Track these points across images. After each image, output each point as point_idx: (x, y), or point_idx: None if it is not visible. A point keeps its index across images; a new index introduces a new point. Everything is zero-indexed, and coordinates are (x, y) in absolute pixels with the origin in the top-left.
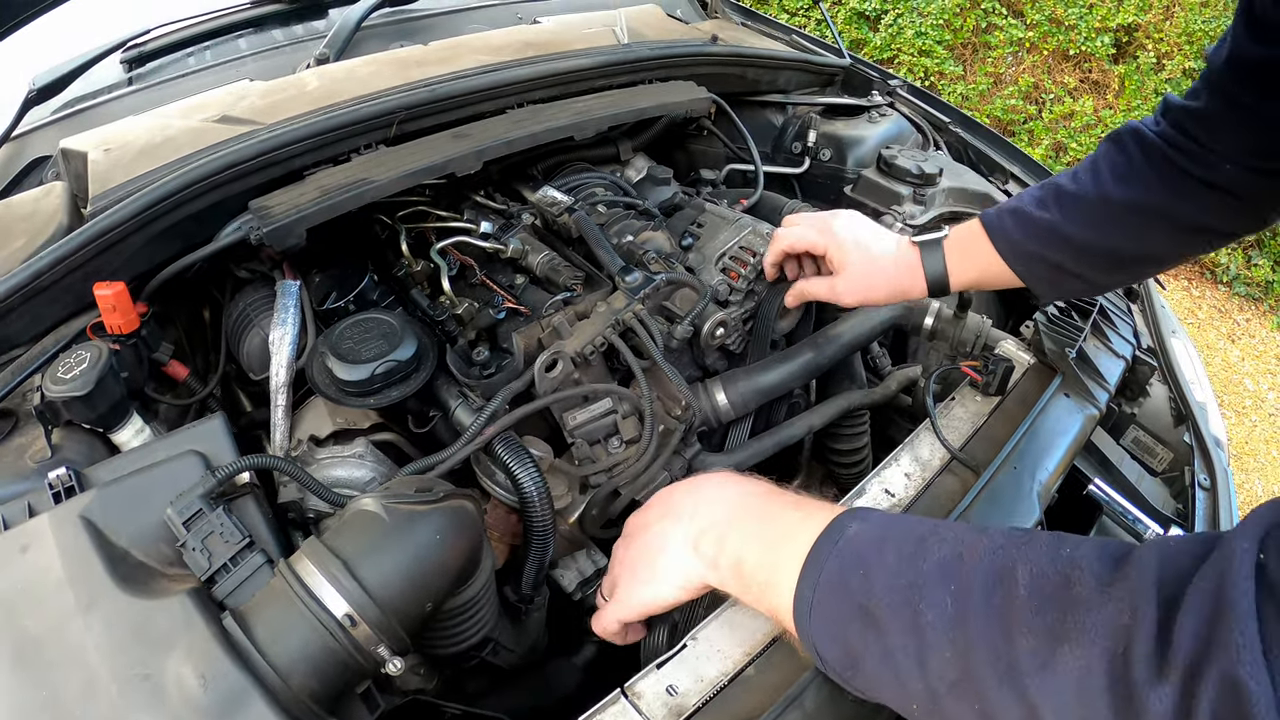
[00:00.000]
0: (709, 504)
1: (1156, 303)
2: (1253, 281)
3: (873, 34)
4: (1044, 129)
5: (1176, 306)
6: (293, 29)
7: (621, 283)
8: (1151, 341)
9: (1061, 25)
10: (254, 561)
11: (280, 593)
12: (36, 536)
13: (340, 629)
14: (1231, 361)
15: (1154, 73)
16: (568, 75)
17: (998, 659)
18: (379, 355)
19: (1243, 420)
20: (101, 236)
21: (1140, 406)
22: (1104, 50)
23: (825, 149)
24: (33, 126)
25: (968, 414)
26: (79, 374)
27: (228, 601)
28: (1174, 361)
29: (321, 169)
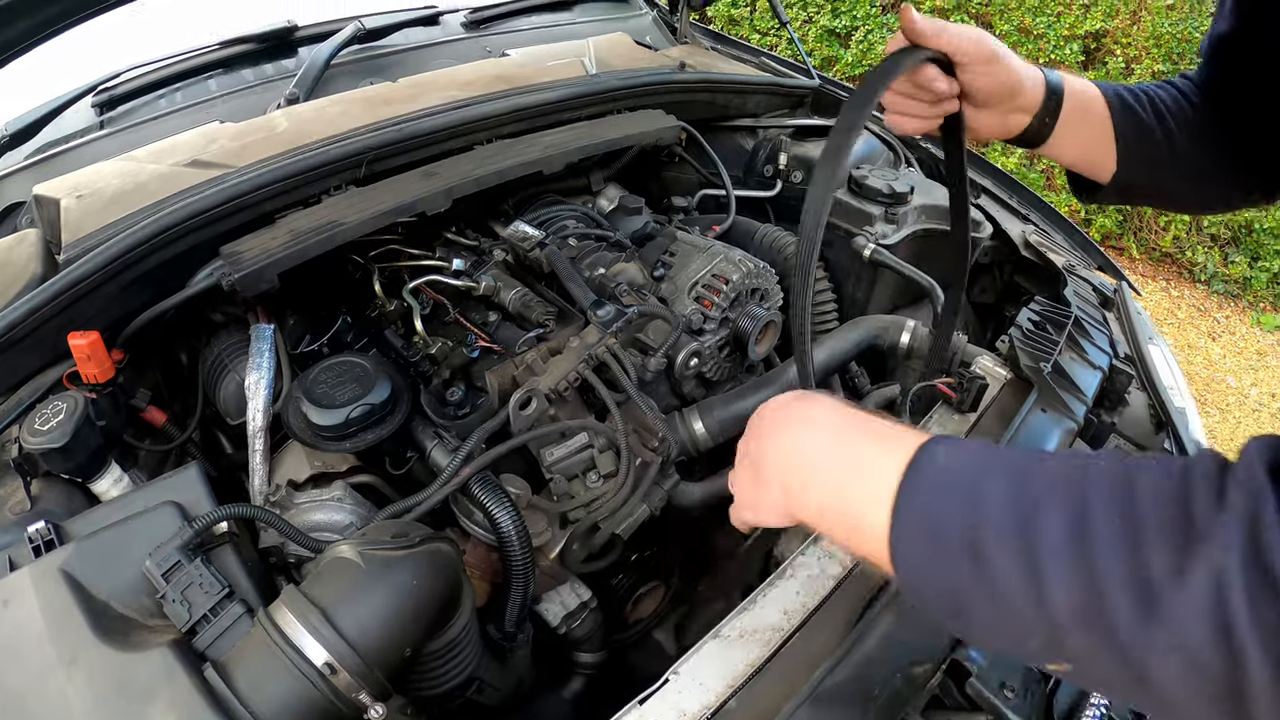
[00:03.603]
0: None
1: (1133, 309)
2: (1230, 279)
3: (844, 50)
4: None
5: (1156, 307)
6: (263, 68)
7: (594, 317)
8: (1129, 349)
9: (1030, 34)
10: (234, 612)
11: (260, 643)
12: (17, 591)
13: (320, 678)
14: (1213, 359)
15: (1123, 77)
16: (535, 109)
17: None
18: (354, 399)
19: (1226, 417)
20: (74, 286)
21: (1120, 415)
22: (1073, 57)
23: (797, 171)
24: (6, 172)
25: (945, 432)
26: (56, 425)
27: (209, 652)
28: (1152, 369)
29: (292, 212)
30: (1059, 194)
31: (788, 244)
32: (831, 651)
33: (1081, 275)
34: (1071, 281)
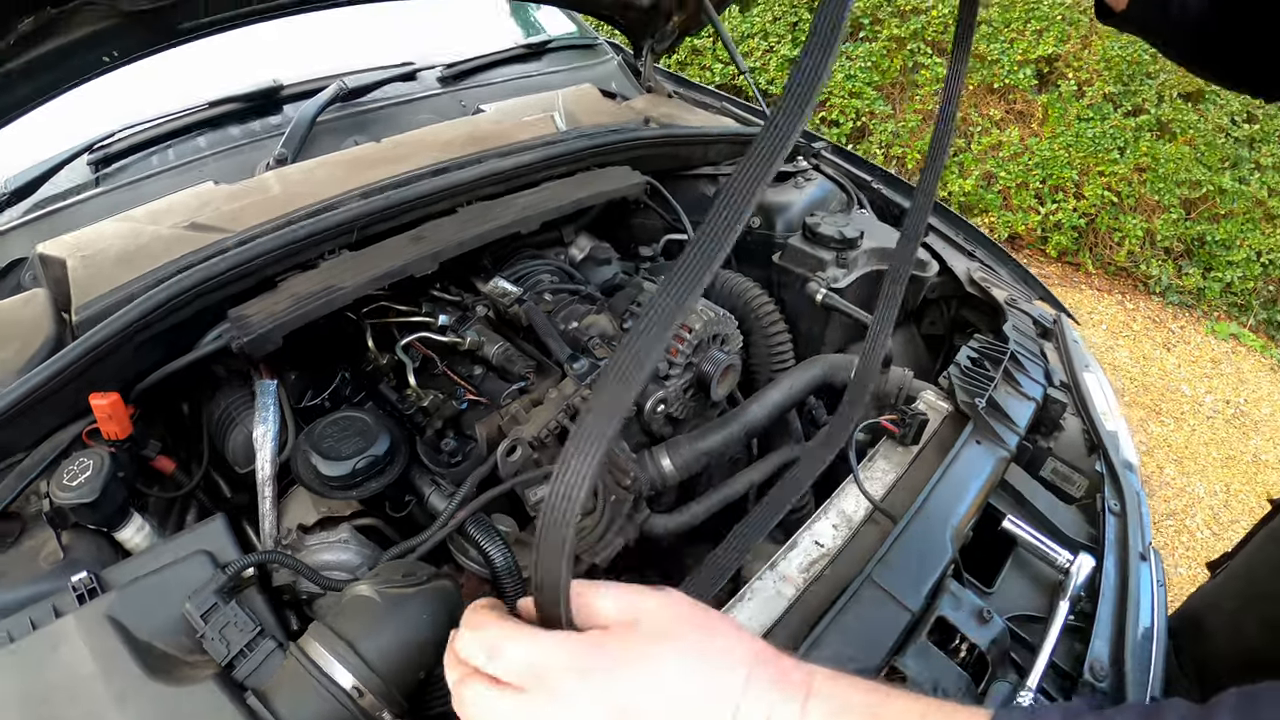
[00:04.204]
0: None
1: (1070, 339)
2: (1185, 290)
3: None
4: (973, 160)
5: (1112, 320)
6: (250, 126)
7: (570, 370)
8: (1066, 377)
9: (985, 60)
10: (267, 646)
11: (295, 672)
12: (66, 636)
13: (350, 700)
14: (1168, 369)
15: (1076, 99)
16: (511, 172)
17: None
18: (358, 452)
19: (1181, 425)
20: (94, 350)
21: (1056, 440)
22: (1027, 82)
23: (755, 217)
24: (5, 228)
25: (890, 465)
26: (84, 481)
27: (248, 682)
28: (1086, 395)
29: (291, 275)
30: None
31: (746, 289)
32: None
33: (1022, 309)
34: (1012, 316)
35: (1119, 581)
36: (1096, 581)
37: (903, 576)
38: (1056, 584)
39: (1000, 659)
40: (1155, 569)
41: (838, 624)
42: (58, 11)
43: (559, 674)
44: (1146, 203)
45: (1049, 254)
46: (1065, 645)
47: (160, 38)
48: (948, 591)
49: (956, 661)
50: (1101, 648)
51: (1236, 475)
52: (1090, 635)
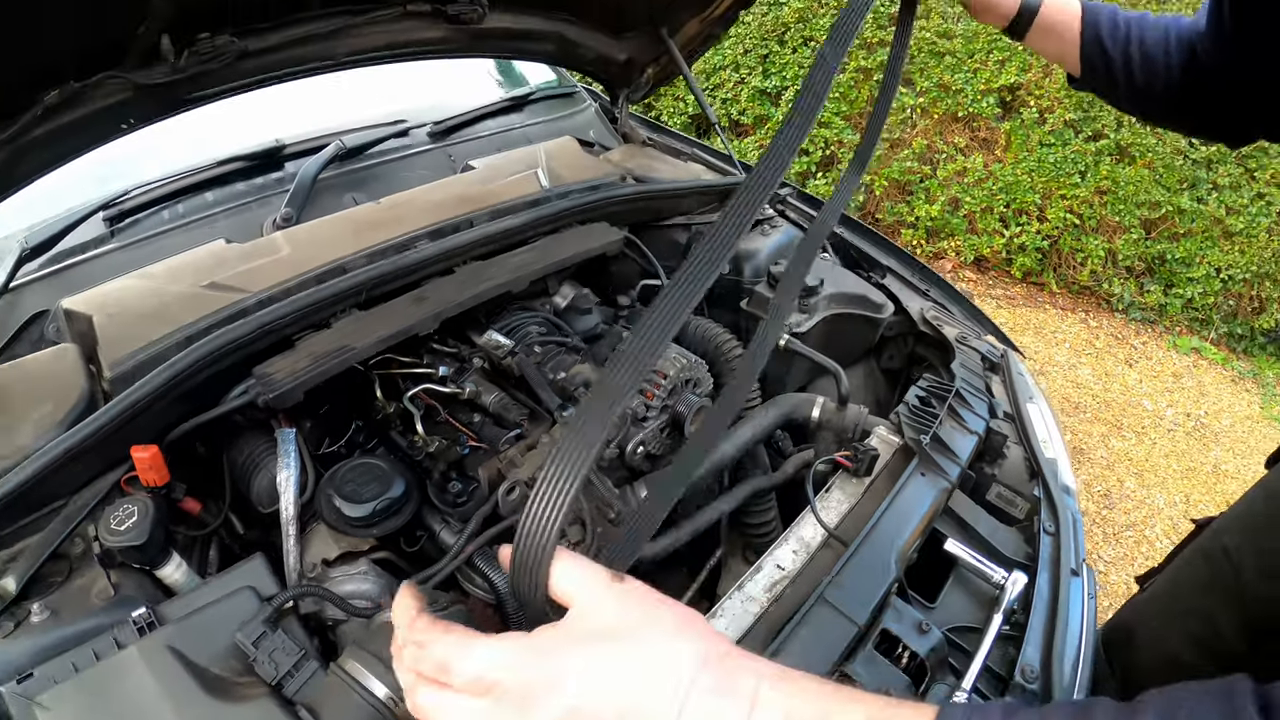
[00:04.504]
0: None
1: (1015, 372)
2: (1147, 306)
3: (774, 109)
4: (939, 186)
5: (1075, 339)
6: (255, 182)
7: (560, 418)
8: (1010, 409)
9: (949, 90)
10: (311, 666)
11: (337, 687)
12: (131, 664)
13: (386, 709)
14: (1130, 385)
15: (1038, 126)
16: (502, 234)
17: None
18: (377, 495)
19: (1142, 439)
20: (133, 407)
21: (1000, 467)
22: (990, 110)
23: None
24: (24, 281)
25: (844, 495)
26: (132, 526)
27: (296, 698)
28: (1029, 425)
29: (307, 335)
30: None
31: (716, 334)
32: None
33: (971, 345)
34: (960, 353)
35: (1051, 595)
36: (1030, 595)
37: (851, 595)
38: (993, 598)
39: (939, 665)
40: (1087, 583)
41: (795, 636)
42: (81, 85)
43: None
44: (1108, 224)
45: (1014, 275)
46: (1000, 652)
47: (172, 107)
48: (891, 607)
49: (900, 668)
50: (1033, 654)
51: (1196, 486)
52: (1023, 643)
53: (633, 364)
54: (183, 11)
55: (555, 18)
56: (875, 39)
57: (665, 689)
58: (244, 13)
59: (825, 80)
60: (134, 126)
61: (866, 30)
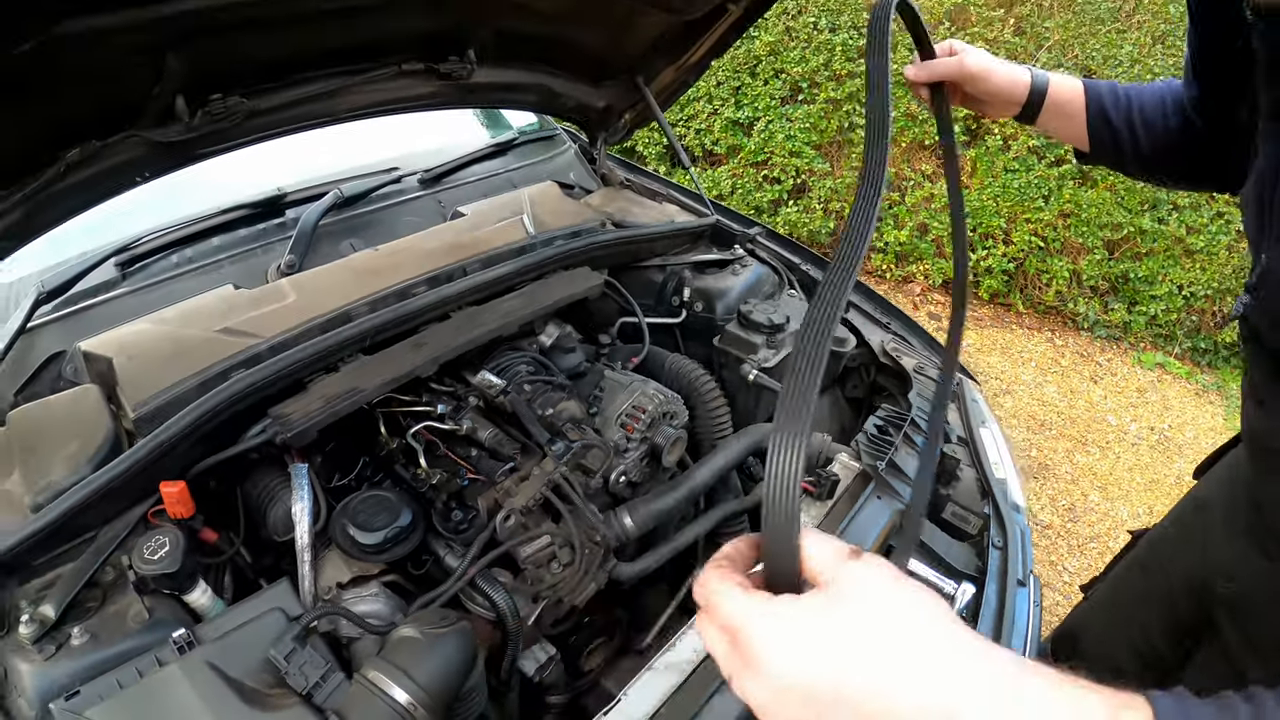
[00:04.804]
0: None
1: (969, 399)
2: (1111, 324)
3: (747, 139)
4: (907, 212)
5: (1041, 357)
6: (258, 228)
7: (549, 451)
8: (964, 433)
9: (916, 119)
10: (337, 678)
11: (363, 695)
12: (173, 680)
13: (407, 713)
14: (1095, 401)
15: (1002, 153)
16: (493, 282)
17: None
18: (387, 524)
19: (1107, 453)
20: (160, 447)
21: (955, 488)
22: (956, 138)
23: (698, 301)
24: (40, 322)
25: (809, 517)
26: (165, 555)
27: (325, 705)
28: (981, 448)
29: (318, 378)
30: (948, 260)
31: (691, 370)
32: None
33: (928, 375)
34: (917, 383)
35: (998, 603)
36: (978, 604)
37: None
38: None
39: None
40: (1033, 592)
41: None
42: (101, 144)
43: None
44: (1072, 245)
45: (982, 297)
46: None
47: (184, 161)
48: None
49: None
50: None
51: (1160, 497)
52: None
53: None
54: (196, 74)
55: (538, 71)
56: (844, 71)
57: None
58: (253, 75)
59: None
60: (148, 179)
61: (835, 62)
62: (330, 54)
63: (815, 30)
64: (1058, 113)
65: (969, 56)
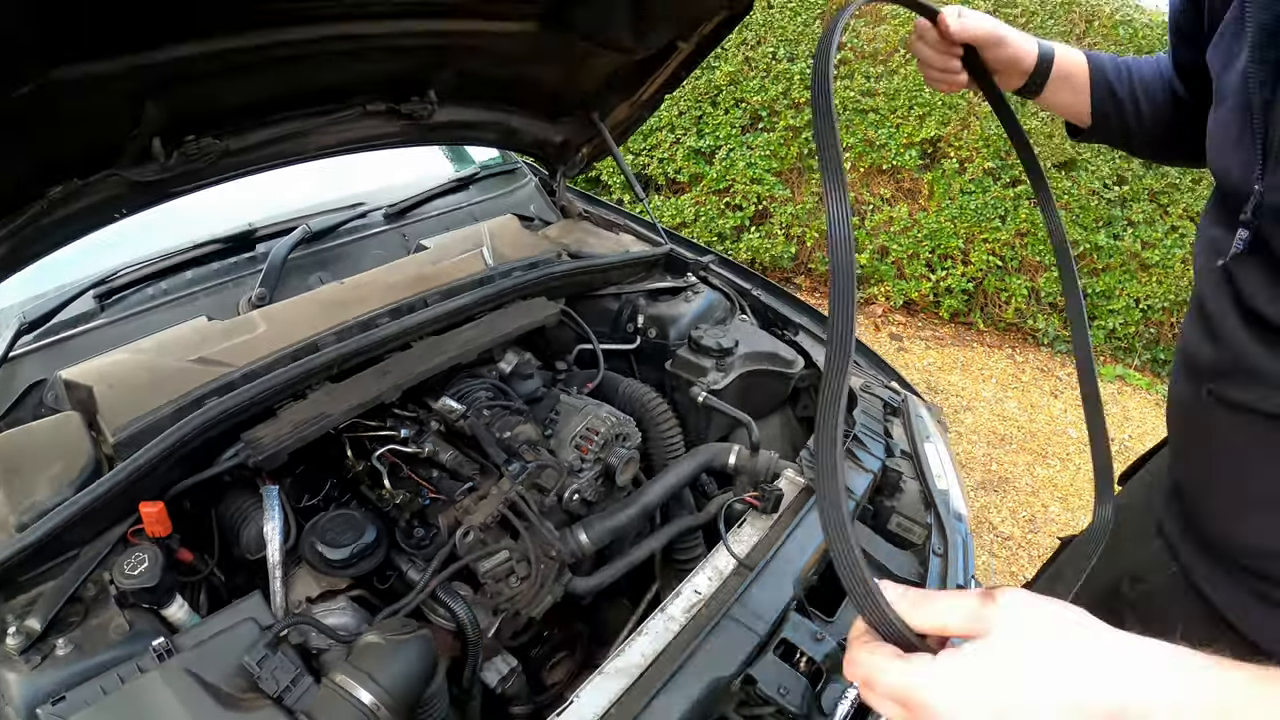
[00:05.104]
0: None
1: (914, 415)
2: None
3: (709, 167)
4: (867, 236)
5: (1001, 374)
6: (230, 261)
7: (506, 472)
8: (908, 447)
9: (874, 145)
10: (306, 682)
11: (330, 696)
12: (155, 686)
13: (371, 713)
14: (1055, 415)
15: (958, 175)
16: (453, 313)
17: None
18: (353, 541)
19: (1067, 465)
20: (140, 470)
21: (899, 499)
22: (913, 162)
23: (651, 328)
24: (21, 352)
25: (755, 530)
26: (145, 570)
27: (296, 707)
28: (924, 462)
29: (287, 404)
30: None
31: (644, 394)
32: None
33: (874, 393)
34: (862, 401)
35: None
36: None
37: (754, 611)
38: None
39: (834, 666)
40: None
41: (704, 647)
42: (83, 183)
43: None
44: (1029, 263)
45: (942, 316)
46: None
47: (160, 198)
48: (790, 620)
49: (798, 670)
50: None
51: None
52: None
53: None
54: (172, 117)
55: (497, 109)
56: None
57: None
58: (225, 117)
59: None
60: (125, 215)
61: (793, 91)
62: (298, 97)
63: (774, 60)
64: (1063, 84)
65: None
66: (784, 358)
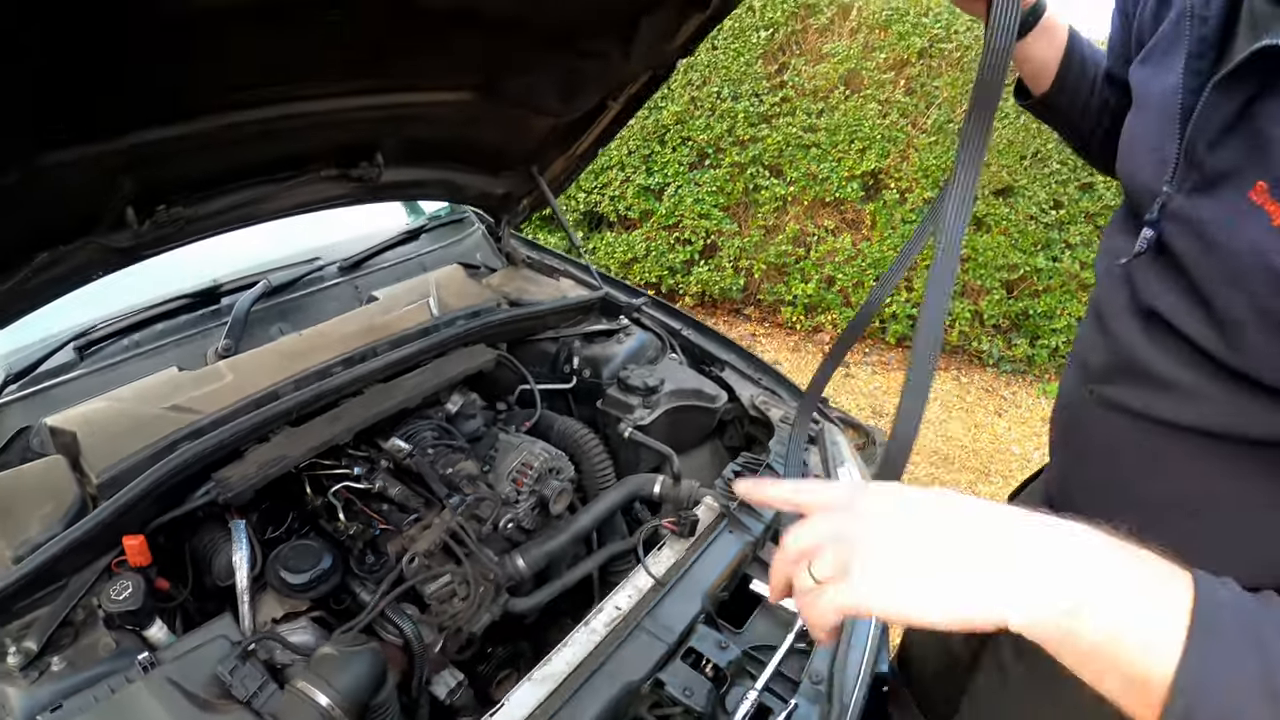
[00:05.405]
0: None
1: (829, 442)
2: (1015, 359)
3: (658, 204)
4: (813, 266)
5: (946, 395)
6: (197, 314)
7: (448, 504)
8: (823, 473)
9: (816, 179)
10: (272, 688)
11: (293, 700)
12: (141, 695)
13: (328, 713)
14: (999, 433)
15: (899, 205)
16: (400, 361)
17: None
18: (312, 567)
19: (1010, 482)
20: (122, 508)
21: None
22: (855, 194)
23: (586, 369)
24: (7, 401)
25: (672, 552)
26: (128, 595)
27: (263, 709)
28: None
29: (253, 447)
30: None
31: (577, 430)
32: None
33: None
34: (780, 431)
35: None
36: None
37: (664, 623)
38: (788, 623)
39: (738, 672)
40: None
41: (618, 654)
42: (65, 249)
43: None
44: (972, 288)
45: (889, 342)
46: (797, 663)
47: (133, 260)
48: (697, 631)
49: (703, 675)
50: (820, 663)
51: None
52: (812, 655)
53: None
54: (144, 189)
55: (441, 167)
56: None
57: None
58: (192, 187)
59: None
60: (101, 275)
61: (738, 128)
62: (258, 167)
63: (719, 99)
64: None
65: None
66: (708, 393)
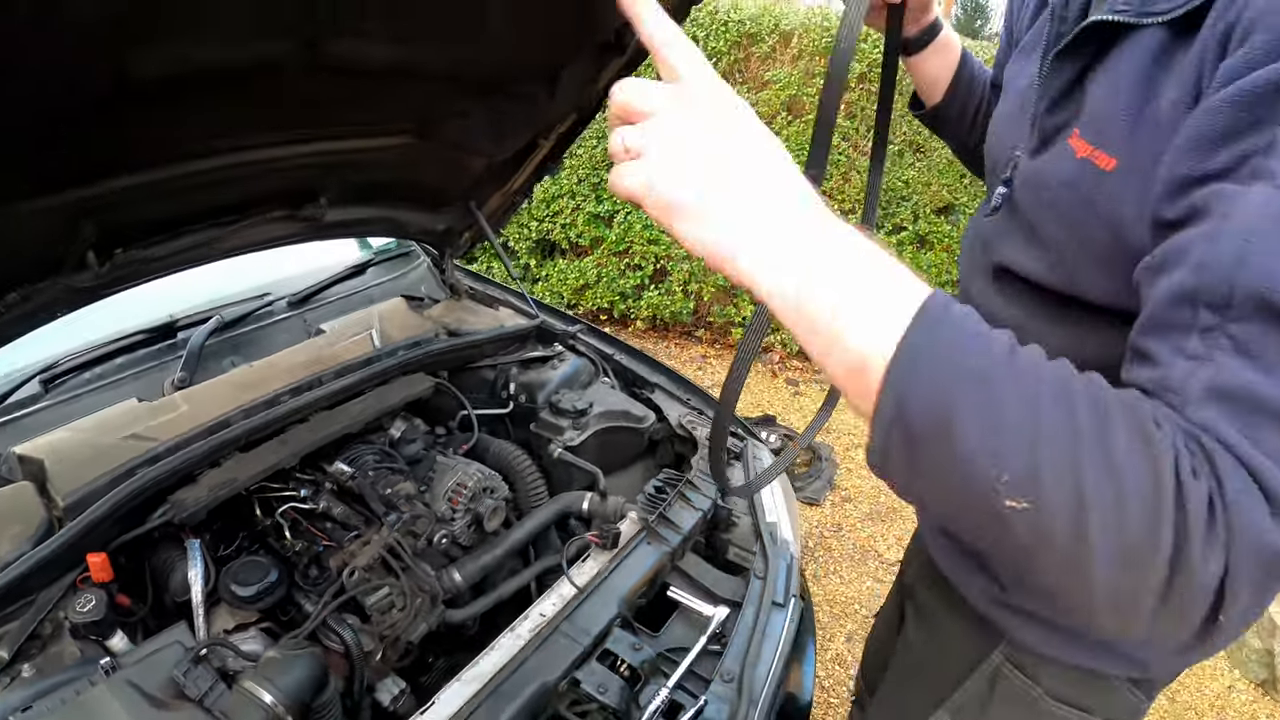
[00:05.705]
0: (765, 161)
1: (751, 457)
2: None
3: (608, 230)
4: None
5: None
6: (154, 348)
7: (386, 522)
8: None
9: None
10: (221, 688)
11: (240, 698)
12: (103, 697)
13: (271, 710)
14: None
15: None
16: (343, 390)
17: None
18: (260, 580)
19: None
20: (86, 528)
21: (733, 532)
22: None
23: (522, 394)
24: None
25: (596, 563)
26: (92, 608)
27: (214, 708)
28: (758, 499)
29: (206, 471)
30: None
31: (510, 451)
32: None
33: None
34: (703, 449)
35: (754, 622)
36: (734, 623)
37: (581, 627)
38: (703, 626)
39: (652, 671)
40: (793, 612)
41: (537, 655)
42: (33, 288)
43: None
44: None
45: None
46: (710, 662)
47: (94, 299)
48: (613, 634)
49: (617, 674)
50: (732, 662)
51: None
52: (723, 655)
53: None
54: (104, 233)
55: (384, 206)
56: None
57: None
58: (148, 230)
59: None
60: (64, 314)
61: None
62: (209, 211)
63: None
64: (941, 51)
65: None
66: (635, 414)
